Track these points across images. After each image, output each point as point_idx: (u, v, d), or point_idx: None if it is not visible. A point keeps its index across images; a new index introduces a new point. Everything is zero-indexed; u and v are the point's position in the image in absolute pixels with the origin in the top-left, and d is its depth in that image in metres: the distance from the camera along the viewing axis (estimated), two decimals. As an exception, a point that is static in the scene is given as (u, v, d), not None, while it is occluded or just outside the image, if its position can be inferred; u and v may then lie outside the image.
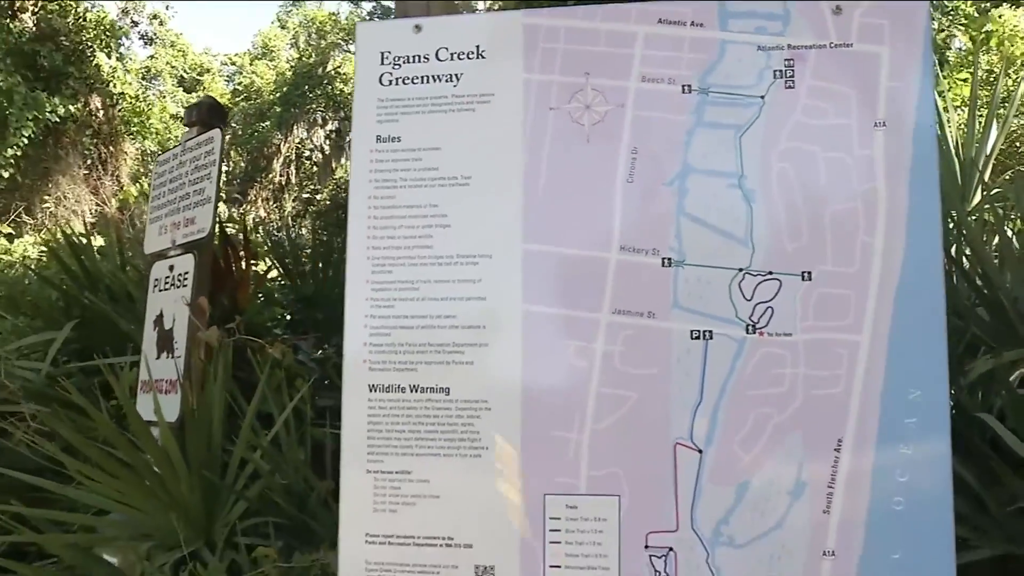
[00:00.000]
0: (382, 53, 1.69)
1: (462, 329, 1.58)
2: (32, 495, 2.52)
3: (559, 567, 1.50)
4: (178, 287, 2.68)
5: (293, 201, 22.91)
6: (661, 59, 1.59)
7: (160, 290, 2.77)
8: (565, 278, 1.56)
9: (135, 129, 14.70)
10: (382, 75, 1.68)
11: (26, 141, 11.86)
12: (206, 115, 2.85)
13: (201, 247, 2.68)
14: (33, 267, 4.58)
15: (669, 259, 1.54)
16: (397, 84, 1.68)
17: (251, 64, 25.39)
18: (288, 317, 3.84)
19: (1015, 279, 2.51)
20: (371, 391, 1.60)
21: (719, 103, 1.57)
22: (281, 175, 22.74)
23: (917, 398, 1.45)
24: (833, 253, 1.51)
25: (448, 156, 1.63)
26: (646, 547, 1.49)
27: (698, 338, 1.52)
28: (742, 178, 1.54)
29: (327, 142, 22.68)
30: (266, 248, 4.25)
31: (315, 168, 23.28)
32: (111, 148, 13.67)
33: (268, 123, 22.26)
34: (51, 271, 3.82)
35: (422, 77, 1.67)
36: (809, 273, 1.51)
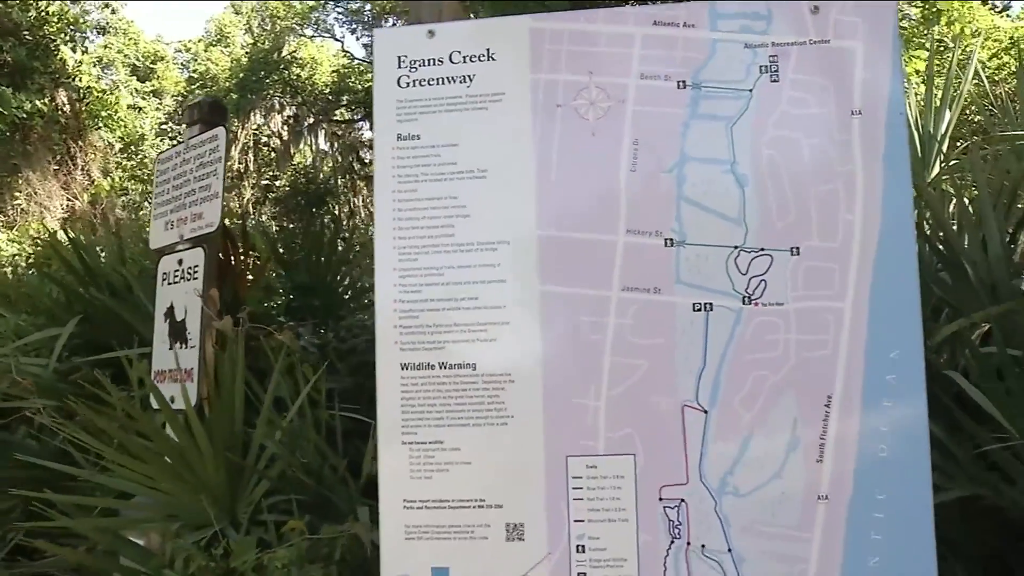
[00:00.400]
0: (399, 57, 1.81)
1: (485, 309, 1.71)
2: (48, 485, 2.62)
3: (583, 521, 1.66)
4: (188, 280, 2.78)
5: (252, 188, 22.69)
6: (658, 58, 1.73)
7: (170, 283, 2.87)
8: (577, 260, 1.70)
9: (102, 123, 14.45)
10: (400, 78, 1.80)
11: (-7, 138, 11.66)
12: (207, 114, 2.94)
13: (210, 240, 2.78)
14: (24, 264, 4.61)
15: (671, 239, 1.69)
16: (414, 86, 1.80)
17: (206, 51, 24.97)
18: (284, 303, 3.94)
19: (972, 244, 2.69)
20: (403, 369, 1.73)
21: (711, 97, 1.71)
22: (239, 162, 22.50)
23: (896, 357, 1.62)
24: (818, 230, 1.66)
25: (465, 151, 1.76)
26: (660, 499, 1.65)
27: (700, 310, 1.67)
28: (734, 164, 1.69)
29: (285, 128, 22.46)
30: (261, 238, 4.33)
31: (273, 154, 23.07)
32: (79, 143, 13.46)
33: (226, 110, 21.94)
34: (53, 268, 3.87)
35: (437, 79, 1.79)
36: (797, 248, 1.66)
